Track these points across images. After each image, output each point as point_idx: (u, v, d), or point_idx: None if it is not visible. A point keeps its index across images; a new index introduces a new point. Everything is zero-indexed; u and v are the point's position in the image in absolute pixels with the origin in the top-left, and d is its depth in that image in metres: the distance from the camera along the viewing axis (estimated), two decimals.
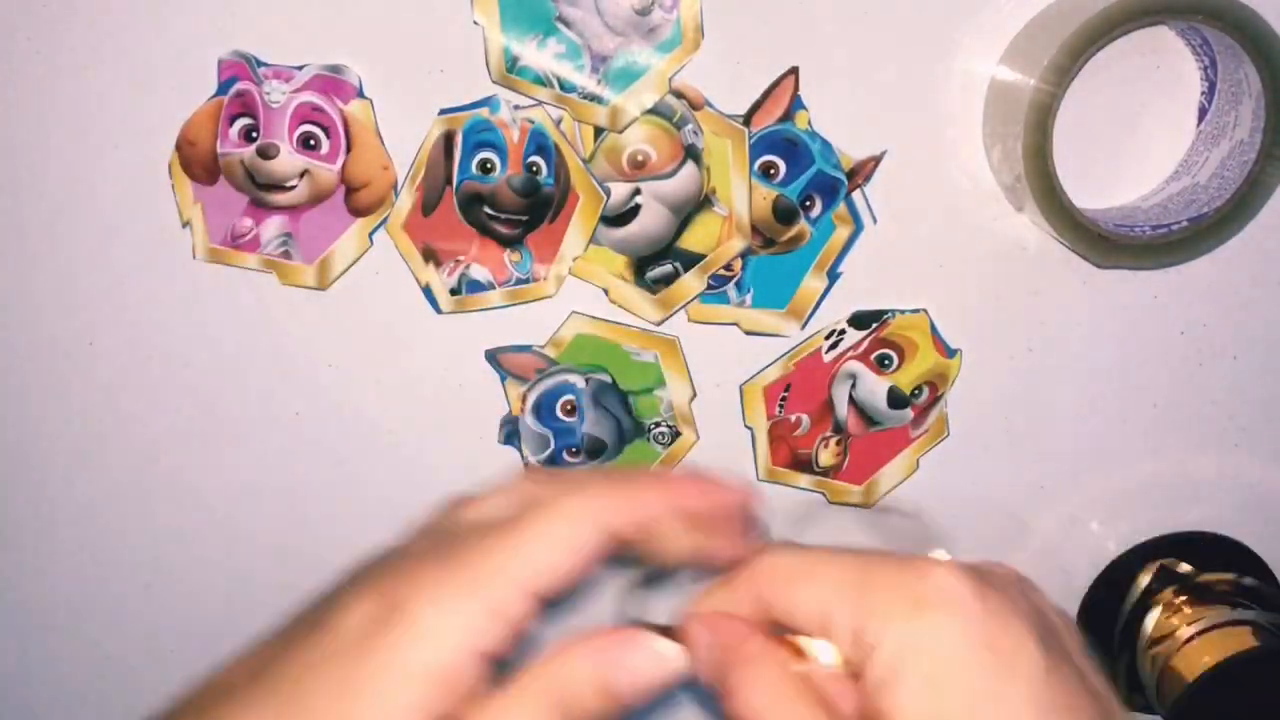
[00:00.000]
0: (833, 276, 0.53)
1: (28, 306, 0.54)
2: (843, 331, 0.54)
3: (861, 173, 0.52)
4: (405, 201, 0.52)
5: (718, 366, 0.55)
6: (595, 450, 0.55)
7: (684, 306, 0.54)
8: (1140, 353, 0.56)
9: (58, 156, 0.52)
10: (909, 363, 0.55)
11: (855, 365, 0.54)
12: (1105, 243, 0.49)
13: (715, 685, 0.36)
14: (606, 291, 0.53)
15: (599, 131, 0.51)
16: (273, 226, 0.52)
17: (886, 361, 0.54)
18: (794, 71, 0.51)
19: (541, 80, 0.50)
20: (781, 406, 0.55)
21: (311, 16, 0.50)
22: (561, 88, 0.50)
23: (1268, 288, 0.55)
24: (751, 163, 0.52)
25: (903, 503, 0.56)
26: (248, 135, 0.51)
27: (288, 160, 0.52)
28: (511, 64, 0.50)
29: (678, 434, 0.56)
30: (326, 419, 0.56)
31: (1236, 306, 0.55)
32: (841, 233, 0.53)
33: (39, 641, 0.59)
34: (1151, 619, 0.56)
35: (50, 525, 0.57)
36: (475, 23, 0.50)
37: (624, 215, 0.52)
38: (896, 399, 0.55)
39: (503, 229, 0.52)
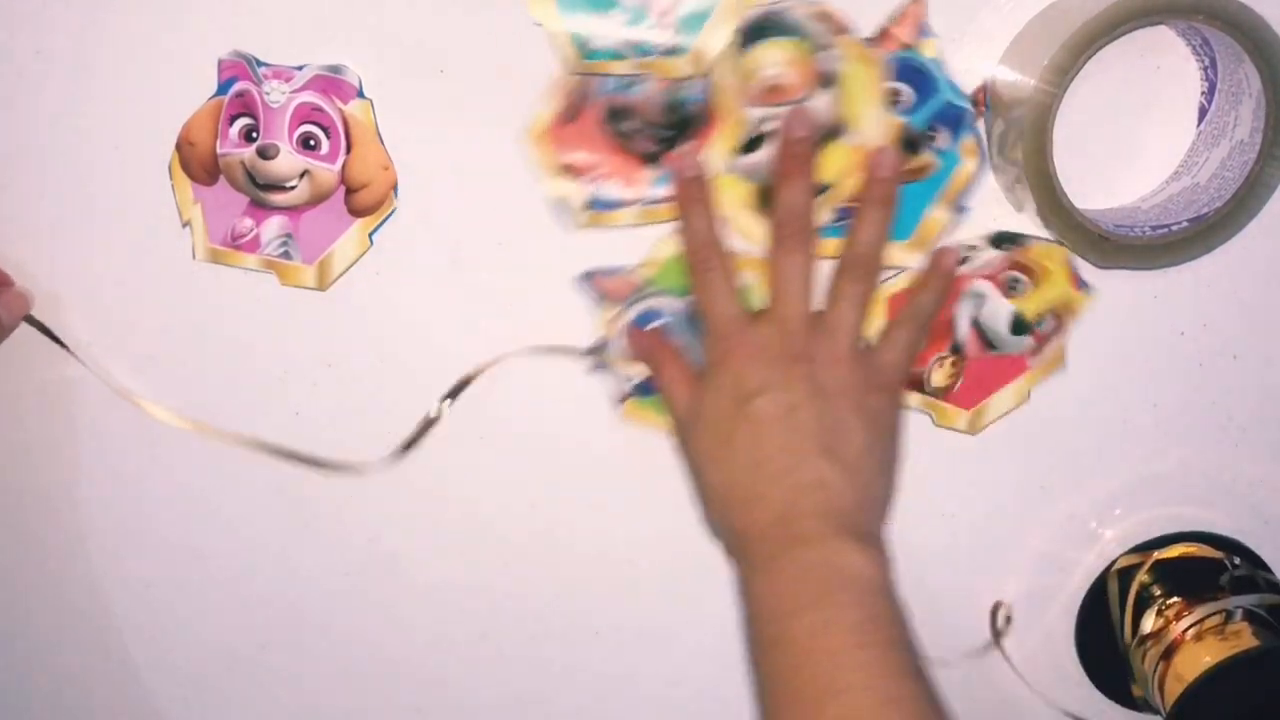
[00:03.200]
0: (959, 209, 0.52)
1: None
2: (975, 248, 0.53)
3: (978, 104, 0.51)
4: (546, 109, 0.51)
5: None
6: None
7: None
8: (1140, 353, 0.56)
9: (57, 157, 0.52)
10: (1039, 289, 0.53)
11: (984, 285, 0.53)
12: (1105, 243, 0.49)
13: None
14: (729, 220, 0.52)
15: None
16: (273, 227, 0.52)
17: (1017, 285, 0.53)
18: None
19: (617, 54, 0.50)
20: None
21: (311, 16, 0.50)
22: (639, 53, 0.50)
23: (1268, 288, 0.55)
24: None
25: None
26: (248, 135, 0.51)
27: (288, 160, 0.51)
28: (583, 49, 0.50)
29: None
30: (326, 419, 0.56)
31: (1236, 306, 0.55)
32: (968, 165, 0.52)
33: (39, 641, 0.59)
34: (1151, 618, 0.56)
35: (49, 526, 0.57)
36: (536, 24, 0.49)
37: (751, 142, 0.51)
38: (1020, 324, 0.54)
39: (644, 144, 0.51)
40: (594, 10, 0.49)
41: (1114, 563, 0.58)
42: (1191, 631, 0.54)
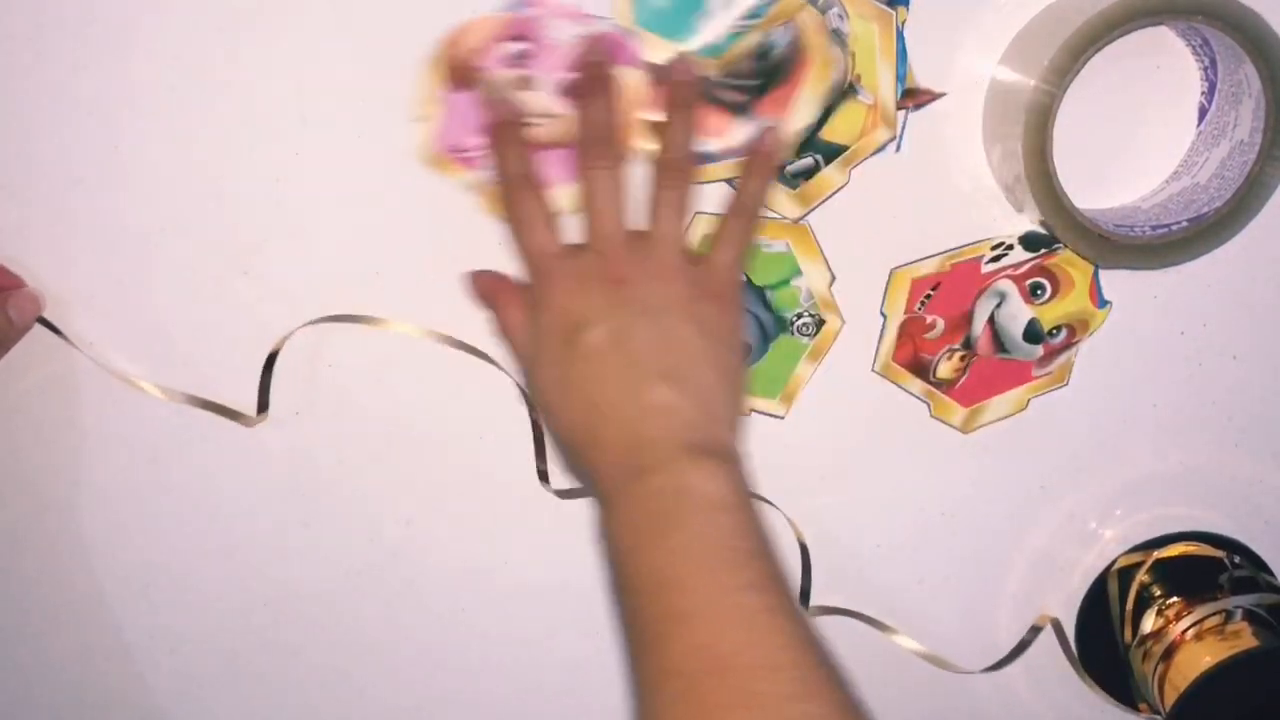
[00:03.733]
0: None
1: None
2: (1010, 247, 0.53)
3: (915, 97, 0.51)
4: (630, 76, 0.50)
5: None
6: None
7: (824, 201, 0.52)
8: (1140, 353, 0.56)
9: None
10: (1059, 298, 0.54)
11: (1008, 285, 0.53)
12: (1105, 243, 0.49)
13: None
14: None
15: None
16: None
17: (1039, 290, 0.53)
18: None
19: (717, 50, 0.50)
20: (923, 304, 0.54)
21: None
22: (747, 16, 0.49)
23: (1268, 288, 0.55)
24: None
25: None
26: (516, 59, 0.50)
27: (543, 99, 0.50)
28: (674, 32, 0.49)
29: (822, 322, 0.54)
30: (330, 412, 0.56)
31: (1236, 306, 0.55)
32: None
33: (39, 641, 0.59)
34: (1150, 618, 0.56)
35: (50, 523, 0.57)
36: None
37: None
38: (1033, 332, 0.54)
39: (732, 96, 0.51)
40: (680, 29, 0.50)
41: (1114, 563, 0.58)
42: (1191, 631, 0.54)
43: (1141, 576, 0.57)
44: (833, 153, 0.51)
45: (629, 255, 0.48)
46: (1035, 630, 0.58)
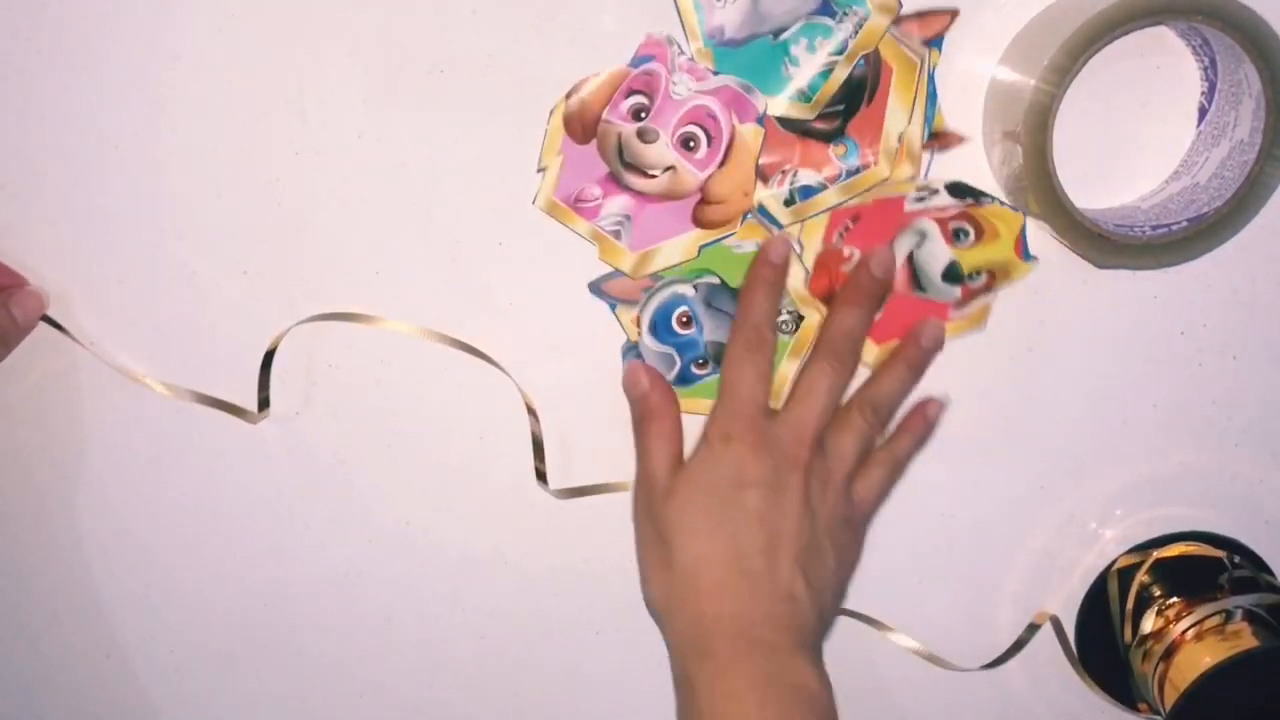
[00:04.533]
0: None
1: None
2: (935, 191, 0.53)
3: (942, 140, 0.52)
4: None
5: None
6: (722, 357, 0.54)
7: (817, 215, 0.53)
8: (1140, 353, 0.56)
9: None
10: (982, 245, 0.53)
11: (929, 225, 0.53)
12: (1105, 243, 0.49)
13: None
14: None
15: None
16: (617, 204, 0.52)
17: (962, 235, 0.53)
18: (955, 13, 0.50)
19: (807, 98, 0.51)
20: (841, 236, 0.53)
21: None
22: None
23: (1268, 288, 0.55)
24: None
25: None
26: (636, 113, 0.51)
27: (662, 151, 0.52)
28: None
29: (801, 318, 0.54)
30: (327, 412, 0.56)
31: (1236, 306, 0.55)
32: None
33: (39, 641, 0.59)
34: (1150, 618, 0.56)
35: (51, 523, 0.57)
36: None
37: None
38: (953, 273, 0.54)
39: (821, 125, 0.51)
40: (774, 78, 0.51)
41: (1114, 563, 0.58)
42: (1191, 631, 0.54)
43: (1141, 576, 0.57)
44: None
45: (815, 450, 0.51)
46: (1033, 628, 0.58)
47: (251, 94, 0.51)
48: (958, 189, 0.53)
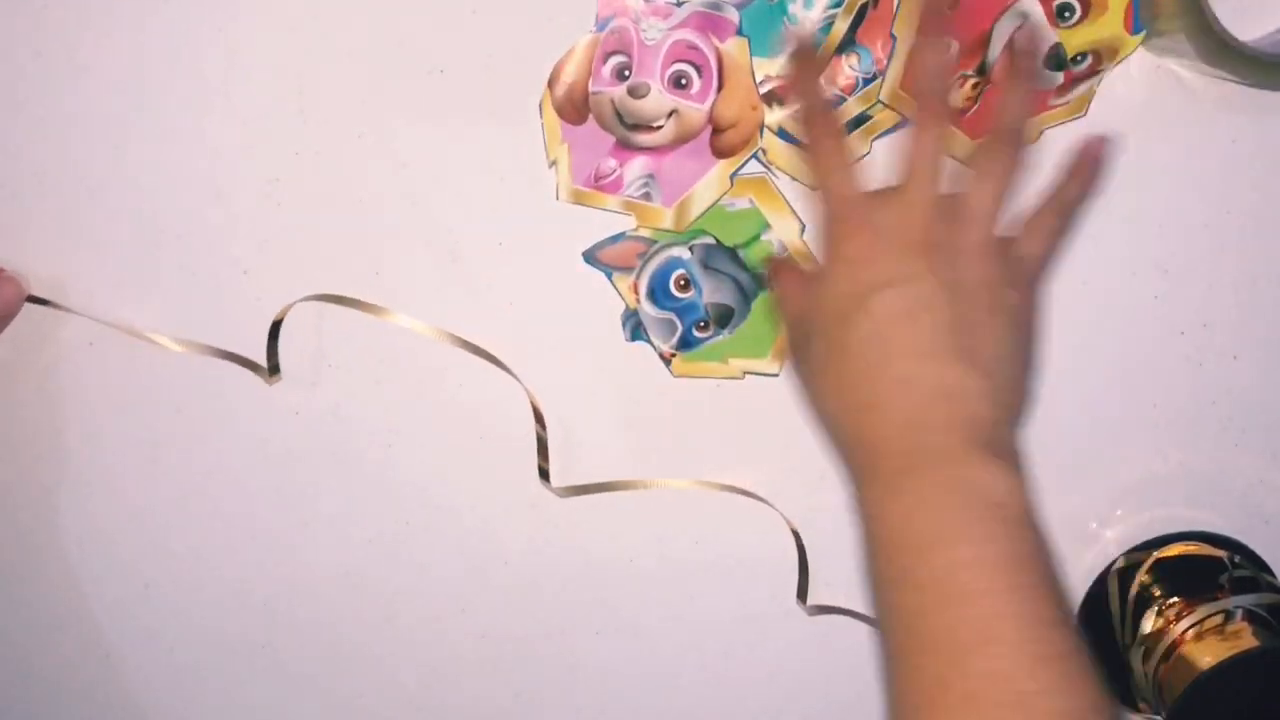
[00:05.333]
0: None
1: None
2: None
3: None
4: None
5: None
6: (723, 318, 0.53)
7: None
8: (1140, 353, 0.56)
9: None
10: (1088, 22, 0.50)
11: (1032, 4, 0.50)
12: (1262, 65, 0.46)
13: None
14: (763, 151, 0.51)
15: None
16: (636, 167, 0.51)
17: (1067, 13, 0.50)
18: None
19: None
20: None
21: None
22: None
23: (1268, 288, 0.55)
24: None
25: None
26: (620, 74, 0.50)
27: (657, 99, 0.51)
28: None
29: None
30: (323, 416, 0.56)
31: (1236, 306, 0.55)
32: None
33: (39, 641, 0.59)
34: (1151, 618, 0.56)
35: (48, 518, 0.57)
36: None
37: None
38: (1056, 58, 0.50)
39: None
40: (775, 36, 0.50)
41: (1114, 563, 0.58)
42: (1191, 631, 0.54)
43: (1141, 576, 0.57)
44: (857, 123, 0.51)
45: (942, 220, 0.44)
46: None
47: (251, 94, 0.51)
48: None
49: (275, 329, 0.54)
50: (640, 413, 0.56)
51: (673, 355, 0.54)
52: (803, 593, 0.57)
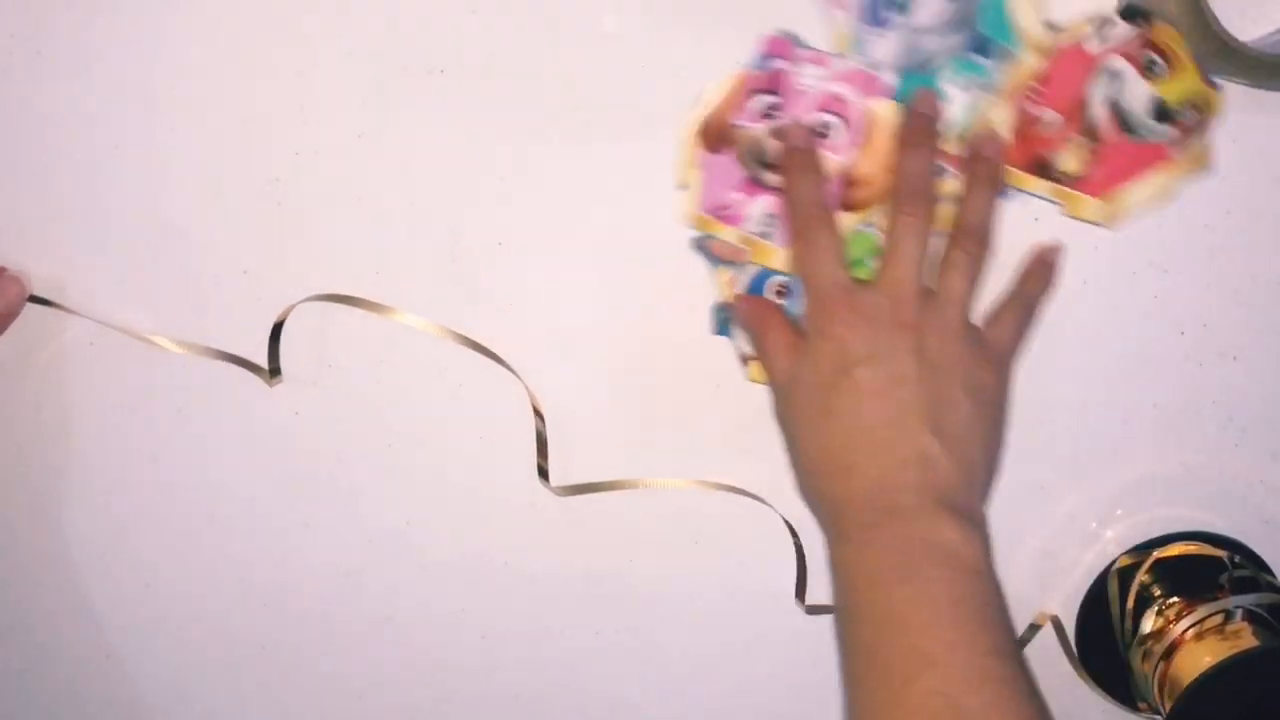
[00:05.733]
0: None
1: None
2: (1111, 22, 0.50)
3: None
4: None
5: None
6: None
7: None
8: (1140, 353, 0.56)
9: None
10: (1175, 76, 0.50)
11: (1120, 63, 0.50)
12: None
13: None
14: None
15: None
16: (760, 205, 0.52)
17: (1154, 66, 0.50)
18: None
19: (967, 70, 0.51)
20: (1031, 99, 0.51)
21: None
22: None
23: (1268, 287, 0.55)
24: None
25: None
26: (767, 112, 0.51)
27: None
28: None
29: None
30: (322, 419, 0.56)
31: (1236, 306, 0.55)
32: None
33: (39, 641, 0.59)
34: (1151, 618, 0.56)
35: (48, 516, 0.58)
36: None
37: None
38: (1163, 110, 0.50)
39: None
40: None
41: (1114, 563, 0.58)
42: (1191, 631, 0.54)
43: (1141, 576, 0.57)
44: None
45: (919, 306, 0.49)
46: (1034, 628, 0.58)
47: (251, 94, 0.51)
48: (1130, 11, 0.50)
49: (276, 331, 0.54)
50: (640, 412, 0.56)
51: (752, 359, 0.54)
52: (801, 592, 0.57)
